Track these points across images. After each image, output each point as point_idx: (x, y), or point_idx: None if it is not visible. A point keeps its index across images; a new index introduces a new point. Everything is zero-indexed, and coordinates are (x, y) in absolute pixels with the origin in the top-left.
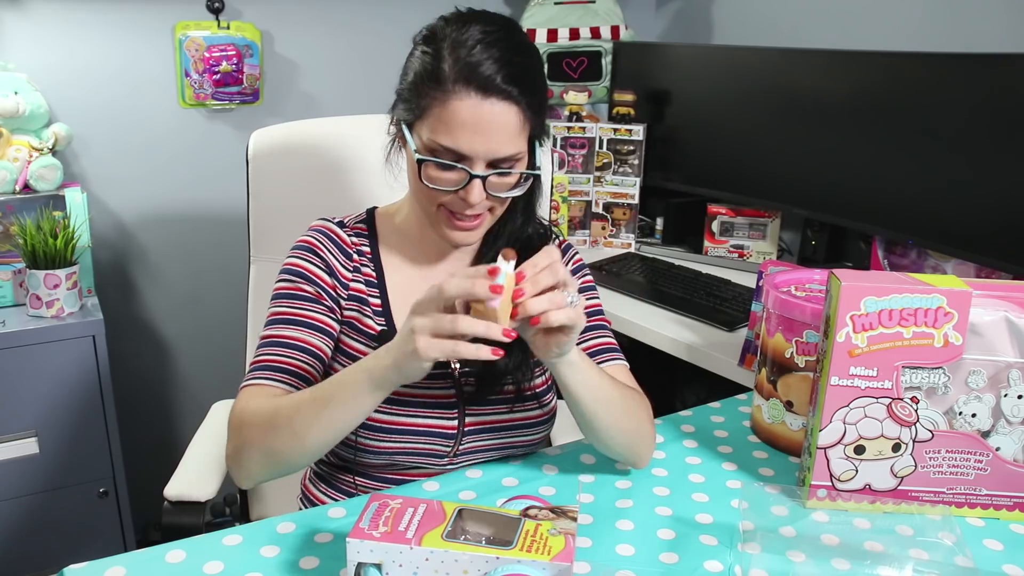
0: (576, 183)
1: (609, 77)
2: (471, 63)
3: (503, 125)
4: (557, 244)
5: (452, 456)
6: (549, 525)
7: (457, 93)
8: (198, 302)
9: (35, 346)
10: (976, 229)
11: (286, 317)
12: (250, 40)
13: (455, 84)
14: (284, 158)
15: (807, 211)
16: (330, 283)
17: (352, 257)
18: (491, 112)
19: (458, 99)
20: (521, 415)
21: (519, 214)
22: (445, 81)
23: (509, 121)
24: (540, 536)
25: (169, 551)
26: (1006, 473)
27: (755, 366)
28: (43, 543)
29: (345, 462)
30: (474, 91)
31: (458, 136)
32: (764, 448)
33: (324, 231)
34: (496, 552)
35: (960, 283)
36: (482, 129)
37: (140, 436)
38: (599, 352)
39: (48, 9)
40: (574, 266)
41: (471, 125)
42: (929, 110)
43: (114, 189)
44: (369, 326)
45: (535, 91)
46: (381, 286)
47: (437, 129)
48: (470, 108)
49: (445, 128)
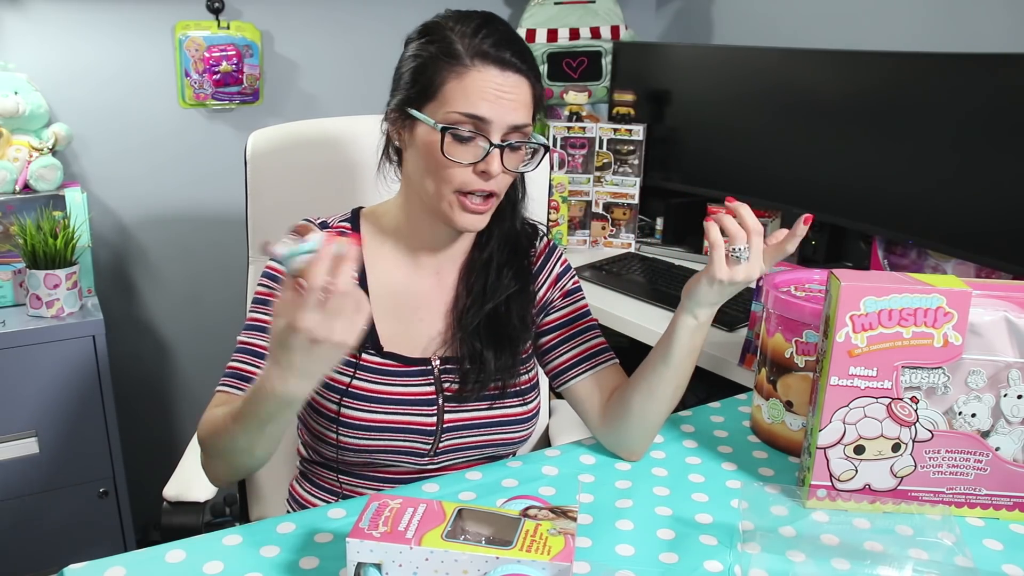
0: (576, 183)
1: (609, 77)
2: (486, 43)
3: (519, 96)
4: (544, 245)
5: (432, 455)
6: (549, 525)
7: (476, 67)
8: (198, 302)
9: (35, 346)
10: (976, 229)
11: (261, 324)
12: (250, 40)
13: (473, 59)
14: (283, 158)
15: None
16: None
17: None
18: (509, 83)
19: (478, 71)
20: (501, 412)
21: (508, 212)
22: (462, 57)
23: (524, 92)
24: (540, 536)
25: (169, 551)
26: (1006, 473)
27: (755, 366)
28: (43, 543)
29: (327, 460)
30: (492, 64)
31: (478, 104)
32: (764, 448)
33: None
34: (496, 552)
35: (960, 283)
36: (502, 97)
37: (140, 436)
38: (598, 353)
39: (48, 9)
40: (561, 267)
41: (492, 93)
42: (929, 110)
43: (114, 189)
44: None
45: (537, 72)
46: (363, 285)
47: (455, 100)
48: (490, 79)
49: (464, 97)
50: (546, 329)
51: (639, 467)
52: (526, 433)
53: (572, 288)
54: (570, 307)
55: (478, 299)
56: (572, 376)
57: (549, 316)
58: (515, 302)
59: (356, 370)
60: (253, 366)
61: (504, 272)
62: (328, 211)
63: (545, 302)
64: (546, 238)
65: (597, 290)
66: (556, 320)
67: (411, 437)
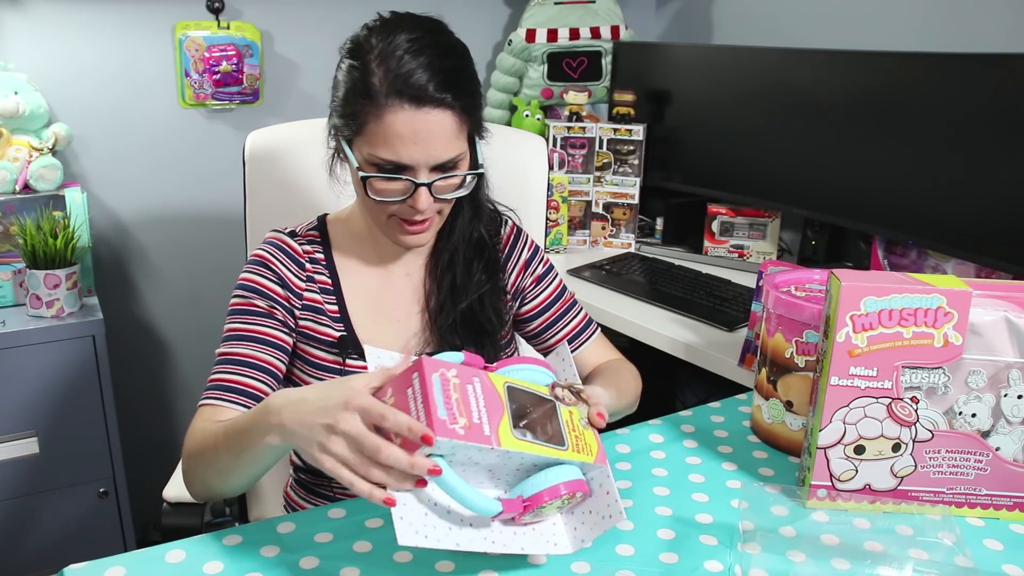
0: (576, 183)
1: (609, 77)
2: (401, 74)
3: (440, 132)
4: (510, 229)
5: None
6: (579, 414)
7: (391, 106)
8: (198, 302)
9: (35, 346)
10: (976, 229)
11: (240, 334)
12: (250, 40)
13: (387, 97)
14: (281, 159)
15: (807, 211)
16: (283, 295)
17: (305, 266)
18: (427, 121)
19: (392, 112)
20: None
21: (467, 209)
22: (377, 95)
23: (446, 127)
24: (577, 429)
25: (169, 551)
26: (1006, 473)
27: (755, 366)
28: (43, 543)
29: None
30: (407, 102)
31: (397, 148)
32: (764, 448)
33: (275, 243)
34: (556, 453)
35: (960, 283)
36: (420, 138)
37: (140, 436)
38: (578, 334)
39: (48, 9)
40: (529, 252)
41: (409, 136)
42: (929, 110)
43: (114, 189)
44: (327, 334)
45: (468, 93)
46: (337, 292)
47: (375, 143)
48: (405, 120)
49: (383, 141)
50: (527, 317)
51: (639, 467)
52: None
53: (543, 272)
54: (545, 291)
55: (449, 297)
56: None
57: (527, 305)
58: (488, 297)
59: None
60: (237, 375)
61: (473, 267)
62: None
63: (517, 289)
64: (511, 221)
65: (597, 290)
66: (535, 308)
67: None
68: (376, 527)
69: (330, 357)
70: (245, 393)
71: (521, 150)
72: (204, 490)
